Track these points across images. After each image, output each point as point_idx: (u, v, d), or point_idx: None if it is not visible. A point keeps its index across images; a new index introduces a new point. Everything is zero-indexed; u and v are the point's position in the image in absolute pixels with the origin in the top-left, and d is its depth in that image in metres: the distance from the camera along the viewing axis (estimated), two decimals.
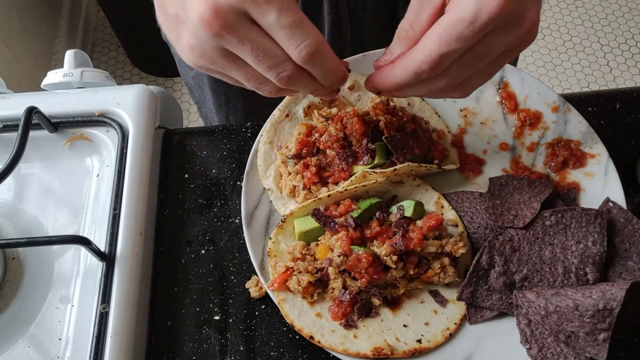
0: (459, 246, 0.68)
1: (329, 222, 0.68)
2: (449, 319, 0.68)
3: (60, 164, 0.82)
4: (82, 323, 0.69)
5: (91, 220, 0.77)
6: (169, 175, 0.82)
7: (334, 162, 0.72)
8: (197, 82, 1.07)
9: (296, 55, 0.49)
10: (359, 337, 0.67)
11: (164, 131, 0.87)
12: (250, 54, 0.49)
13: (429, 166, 0.71)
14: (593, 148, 0.77)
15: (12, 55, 1.99)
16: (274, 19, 0.47)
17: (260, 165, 0.76)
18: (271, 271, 0.70)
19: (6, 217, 0.78)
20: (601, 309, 0.60)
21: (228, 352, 0.69)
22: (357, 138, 0.72)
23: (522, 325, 0.66)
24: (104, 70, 0.87)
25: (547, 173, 0.77)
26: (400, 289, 0.68)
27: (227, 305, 0.72)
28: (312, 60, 0.50)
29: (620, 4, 2.71)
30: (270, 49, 0.49)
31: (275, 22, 0.47)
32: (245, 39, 0.48)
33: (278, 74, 0.51)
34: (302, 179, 0.72)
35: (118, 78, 2.56)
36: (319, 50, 0.49)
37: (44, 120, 0.79)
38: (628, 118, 0.84)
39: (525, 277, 0.67)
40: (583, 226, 0.67)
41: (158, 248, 0.77)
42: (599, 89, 2.45)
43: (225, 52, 0.50)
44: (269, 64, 0.50)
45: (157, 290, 0.74)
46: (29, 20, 2.16)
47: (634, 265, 0.67)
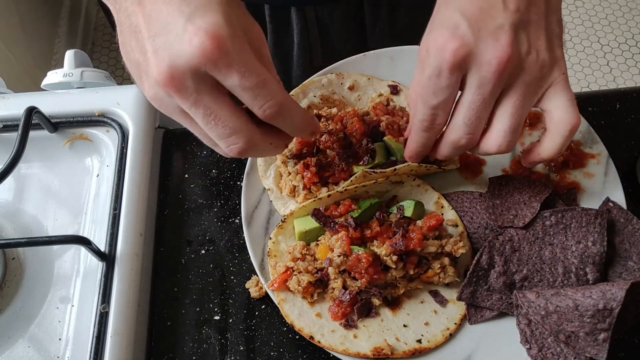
0: (459, 246, 0.68)
1: (329, 222, 0.68)
2: (449, 319, 0.68)
3: (60, 164, 0.82)
4: (82, 323, 0.69)
5: (91, 220, 0.77)
6: (169, 175, 0.82)
7: (334, 162, 0.72)
8: None
9: (260, 114, 0.49)
10: (359, 337, 0.67)
11: (164, 131, 0.87)
12: (202, 120, 0.49)
13: (429, 166, 0.71)
14: (593, 148, 0.77)
15: (12, 55, 1.99)
16: (236, 81, 0.46)
17: (260, 165, 0.76)
18: (271, 271, 0.70)
19: (6, 217, 0.78)
20: (601, 309, 0.60)
21: (228, 352, 0.69)
22: (357, 138, 0.72)
23: (522, 325, 0.66)
24: (104, 70, 0.87)
25: (547, 173, 0.77)
26: (400, 289, 0.68)
27: (227, 305, 0.72)
28: (277, 118, 0.50)
29: (620, 4, 2.71)
30: (225, 117, 0.48)
31: (238, 85, 0.47)
32: (199, 104, 0.47)
33: (228, 145, 0.50)
34: (302, 179, 0.72)
35: (118, 78, 2.56)
36: (284, 108, 0.49)
37: (44, 120, 0.78)
38: (628, 118, 0.84)
39: (525, 277, 0.67)
40: (583, 226, 0.67)
41: (158, 248, 0.77)
42: (599, 89, 2.45)
43: (181, 109, 0.50)
44: (220, 132, 0.49)
45: (157, 290, 0.74)
46: (29, 21, 2.16)
47: (634, 265, 0.67)
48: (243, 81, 0.46)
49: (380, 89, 0.82)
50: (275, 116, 0.49)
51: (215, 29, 0.45)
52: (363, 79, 0.81)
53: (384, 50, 0.83)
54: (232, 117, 0.49)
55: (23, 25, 2.10)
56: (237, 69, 0.46)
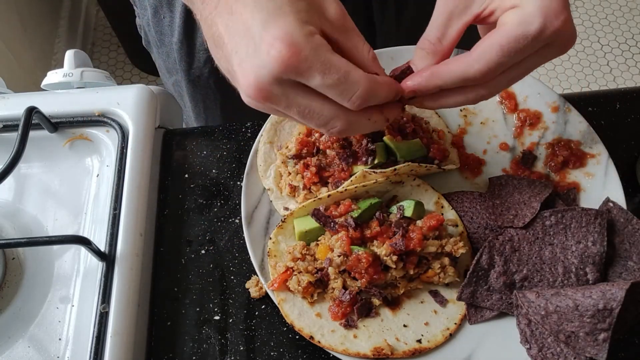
0: (459, 246, 0.68)
1: (329, 222, 0.68)
2: (449, 319, 0.68)
3: (60, 164, 0.82)
4: (82, 323, 0.69)
5: (91, 220, 0.77)
6: (169, 175, 0.82)
7: (334, 162, 0.72)
8: (176, 89, 1.08)
9: (350, 106, 0.51)
10: (359, 337, 0.67)
11: (164, 131, 0.87)
12: (299, 117, 0.52)
13: (429, 166, 0.71)
14: (593, 148, 0.77)
15: (12, 55, 1.99)
16: (319, 81, 0.48)
17: (260, 165, 0.76)
18: (271, 271, 0.70)
19: (6, 217, 0.78)
20: (601, 309, 0.60)
21: (228, 352, 0.69)
22: (357, 138, 0.72)
23: (522, 325, 0.66)
24: (104, 70, 0.87)
25: (547, 173, 0.77)
26: (400, 289, 0.68)
27: (227, 305, 0.72)
28: (367, 103, 0.51)
29: (620, 4, 2.71)
30: (318, 109, 0.51)
31: (322, 84, 0.48)
32: (291, 105, 0.50)
33: (328, 130, 0.53)
34: (302, 179, 0.72)
35: (118, 78, 2.56)
36: (370, 93, 0.50)
37: (44, 120, 0.78)
38: (628, 118, 0.84)
39: (525, 277, 0.67)
40: (583, 226, 0.67)
41: (158, 248, 0.77)
42: (599, 89, 2.45)
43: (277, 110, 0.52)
44: (318, 122, 0.52)
45: (157, 290, 0.74)
46: (29, 20, 2.16)
47: (634, 265, 0.67)
48: (325, 80, 0.48)
49: None
50: (363, 104, 0.51)
51: (290, 37, 0.46)
52: None
53: (384, 50, 0.83)
54: (324, 107, 0.51)
55: (23, 25, 2.11)
56: (318, 69, 0.47)
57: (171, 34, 0.94)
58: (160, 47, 1.00)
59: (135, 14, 1.03)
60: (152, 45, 1.04)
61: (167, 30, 0.95)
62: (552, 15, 0.50)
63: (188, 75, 1.00)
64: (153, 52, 1.06)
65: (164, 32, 0.96)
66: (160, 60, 1.04)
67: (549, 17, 0.50)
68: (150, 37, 1.02)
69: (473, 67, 0.53)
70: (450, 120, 0.81)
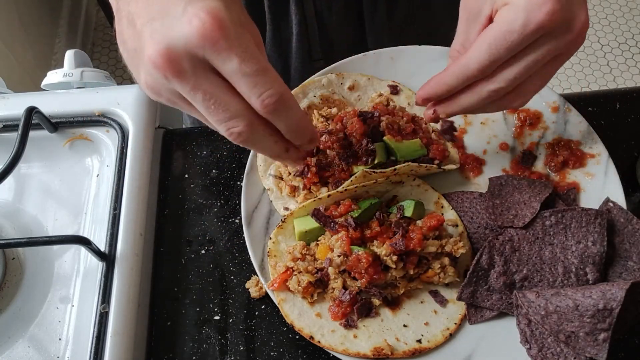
0: (459, 246, 0.68)
1: (329, 222, 0.68)
2: (449, 319, 0.68)
3: (60, 164, 0.82)
4: (82, 323, 0.69)
5: (91, 220, 0.77)
6: (169, 175, 0.82)
7: (334, 162, 0.72)
8: None
9: (258, 105, 0.47)
10: (359, 337, 0.67)
11: (164, 131, 0.87)
12: (202, 105, 0.47)
13: (429, 166, 0.71)
14: (593, 148, 0.77)
15: (12, 55, 1.99)
16: (235, 66, 0.44)
17: (260, 165, 0.76)
18: (271, 271, 0.70)
19: (6, 217, 0.78)
20: (601, 309, 0.60)
21: (228, 352, 0.69)
22: (357, 138, 0.72)
23: (522, 325, 0.66)
24: (104, 70, 0.87)
25: (547, 173, 0.77)
26: (400, 289, 0.68)
27: (227, 305, 0.72)
28: (275, 111, 0.47)
29: (620, 4, 2.71)
30: (225, 101, 0.47)
31: (237, 70, 0.44)
32: (198, 88, 0.46)
33: (228, 129, 0.48)
34: (302, 179, 0.72)
35: (118, 78, 2.56)
36: (283, 100, 0.47)
37: (44, 120, 0.78)
38: (628, 118, 0.84)
39: (525, 277, 0.67)
40: (583, 226, 0.67)
41: (158, 248, 0.77)
42: (599, 89, 2.45)
43: (179, 95, 0.48)
44: (220, 117, 0.48)
45: (157, 290, 0.74)
46: (29, 21, 2.16)
47: (634, 265, 0.67)
48: (243, 66, 0.44)
49: (380, 89, 0.82)
50: (274, 107, 0.47)
51: (217, 11, 0.43)
52: (363, 79, 0.81)
53: (384, 50, 0.83)
54: (232, 101, 0.47)
55: (23, 25, 2.11)
56: (237, 52, 0.44)
57: None
58: None
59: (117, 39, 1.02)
60: None
61: None
62: (535, 8, 0.51)
63: None
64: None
65: None
66: None
67: (531, 10, 0.51)
68: None
69: (468, 65, 0.55)
70: None
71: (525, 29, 0.52)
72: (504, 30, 0.52)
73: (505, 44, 0.53)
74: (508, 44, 0.53)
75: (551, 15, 0.51)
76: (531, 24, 0.51)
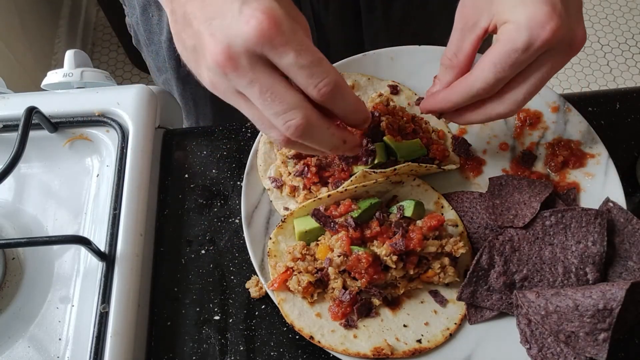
0: (459, 246, 0.68)
1: (329, 222, 0.68)
2: (449, 319, 0.68)
3: (60, 164, 0.82)
4: (82, 323, 0.69)
5: (91, 220, 0.77)
6: (169, 175, 0.82)
7: (334, 162, 0.72)
8: (167, 87, 1.08)
9: (315, 94, 0.49)
10: (359, 337, 0.67)
11: (164, 131, 0.87)
12: (259, 97, 0.49)
13: (429, 166, 0.71)
14: (593, 148, 0.77)
15: (12, 55, 1.99)
16: (292, 59, 0.47)
17: (260, 165, 0.76)
18: (271, 271, 0.70)
19: (6, 217, 0.78)
20: (601, 309, 0.60)
21: (228, 352, 0.69)
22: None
23: (522, 325, 0.66)
24: (104, 70, 0.87)
25: (547, 173, 0.77)
26: (400, 289, 0.68)
27: (227, 305, 0.72)
28: (333, 97, 0.50)
29: (620, 4, 2.71)
30: (281, 93, 0.48)
31: (294, 63, 0.47)
32: (256, 82, 0.48)
33: (286, 122, 0.50)
34: (302, 179, 0.72)
35: (118, 78, 2.56)
36: (339, 87, 0.50)
37: (44, 120, 0.78)
38: (628, 118, 0.84)
39: (525, 277, 0.67)
40: (583, 226, 0.67)
41: (158, 248, 0.77)
42: (599, 89, 2.45)
43: (237, 91, 0.50)
44: (277, 109, 0.49)
45: (157, 290, 0.74)
46: (29, 20, 2.16)
47: (634, 265, 0.67)
48: (299, 59, 0.47)
49: (380, 89, 0.82)
50: (330, 95, 0.49)
51: (271, 10, 0.46)
52: (363, 79, 0.81)
53: (384, 50, 0.83)
54: (288, 92, 0.49)
55: (23, 25, 2.10)
56: (293, 46, 0.47)
57: (160, 32, 0.95)
58: (150, 45, 1.00)
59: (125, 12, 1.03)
60: (142, 45, 1.04)
61: (155, 28, 0.95)
62: (539, 27, 0.52)
63: (177, 73, 1.00)
64: (143, 51, 1.07)
65: (152, 31, 0.96)
66: (150, 58, 1.05)
67: (534, 29, 0.52)
68: (139, 36, 1.02)
69: (474, 86, 0.57)
70: None
71: (530, 46, 0.52)
72: (509, 49, 0.53)
73: (510, 63, 0.54)
74: (512, 62, 0.54)
75: (554, 32, 0.52)
76: (535, 43, 0.52)
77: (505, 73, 0.55)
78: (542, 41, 0.52)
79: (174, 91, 1.06)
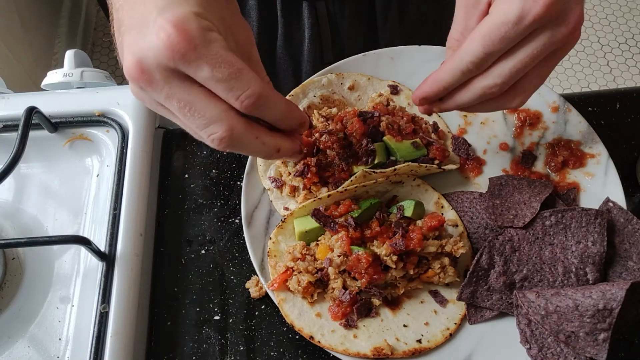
0: (459, 246, 0.68)
1: (329, 222, 0.68)
2: (449, 319, 0.68)
3: (60, 164, 0.82)
4: (82, 323, 0.69)
5: (91, 220, 0.77)
6: (169, 175, 0.82)
7: (334, 162, 0.72)
8: None
9: (238, 106, 0.47)
10: (359, 337, 0.67)
11: (164, 131, 0.87)
12: (179, 112, 0.48)
13: (429, 166, 0.71)
14: (593, 148, 0.77)
15: (12, 55, 1.99)
16: (207, 73, 0.45)
17: (260, 165, 0.76)
18: (271, 271, 0.70)
19: (6, 217, 0.78)
20: (601, 309, 0.60)
21: (228, 352, 0.69)
22: (357, 138, 0.72)
23: (522, 325, 0.66)
24: (104, 70, 0.87)
25: (547, 173, 0.77)
26: (400, 289, 0.68)
27: (227, 305, 0.72)
28: (257, 108, 0.48)
29: (620, 4, 2.71)
30: (201, 107, 0.47)
31: (210, 77, 0.45)
32: (172, 97, 0.46)
33: (209, 135, 0.48)
34: (302, 179, 0.72)
35: (118, 78, 2.56)
36: (263, 97, 0.47)
37: (44, 120, 0.78)
38: (628, 118, 0.84)
39: (525, 277, 0.67)
40: (583, 226, 0.67)
41: (158, 248, 0.77)
42: (599, 89, 2.45)
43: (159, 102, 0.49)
44: (198, 123, 0.48)
45: (157, 290, 0.74)
46: (29, 20, 2.16)
47: (634, 265, 0.67)
48: (215, 73, 0.45)
49: (380, 89, 0.82)
50: (254, 107, 0.47)
51: (184, 22, 0.44)
52: (363, 79, 0.81)
53: (384, 50, 0.83)
54: (208, 106, 0.47)
55: (23, 25, 2.10)
56: (207, 61, 0.44)
57: None
58: None
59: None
60: None
61: None
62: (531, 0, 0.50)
63: None
64: None
65: None
66: None
67: (527, 2, 0.50)
68: None
69: (462, 58, 0.54)
70: (451, 120, 0.81)
71: (521, 20, 0.51)
72: (499, 22, 0.52)
73: (500, 36, 0.52)
74: (502, 35, 0.52)
75: (547, 7, 0.50)
76: (527, 16, 0.51)
77: (494, 47, 0.52)
78: (534, 15, 0.50)
79: None
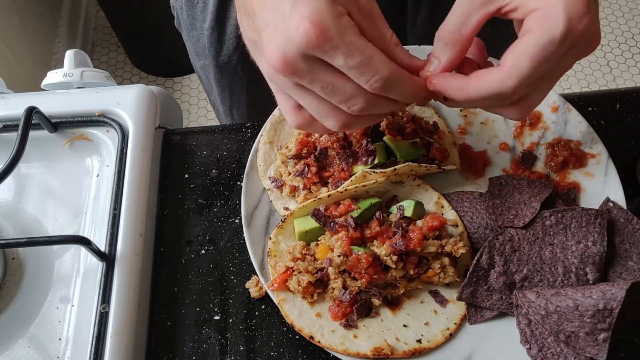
0: (459, 246, 0.68)
1: (329, 222, 0.68)
2: (449, 319, 0.68)
3: (60, 164, 0.82)
4: (82, 323, 0.69)
5: (91, 220, 0.77)
6: (169, 175, 0.82)
7: (334, 162, 0.72)
8: (204, 72, 1.09)
9: (368, 88, 0.51)
10: (359, 337, 0.67)
11: (164, 131, 0.87)
12: (321, 91, 0.52)
13: (429, 166, 0.71)
14: (593, 148, 0.77)
15: (12, 55, 1.99)
16: (341, 62, 0.49)
17: (260, 165, 0.76)
18: (271, 271, 0.70)
19: (6, 217, 0.78)
20: (601, 309, 0.60)
21: (228, 352, 0.69)
22: (357, 138, 0.72)
23: (522, 325, 0.66)
24: (104, 70, 0.87)
25: (547, 173, 0.77)
26: (400, 289, 0.68)
27: (227, 305, 0.72)
28: (386, 90, 0.51)
29: (620, 4, 2.71)
30: (340, 86, 0.51)
31: (344, 65, 0.49)
32: (315, 80, 0.51)
33: (349, 107, 0.53)
34: (302, 179, 0.72)
35: (118, 78, 2.56)
36: (389, 80, 0.51)
37: (44, 120, 0.78)
38: (628, 118, 0.84)
39: (525, 277, 0.67)
40: (583, 226, 0.67)
41: (158, 248, 0.77)
42: (599, 89, 2.45)
43: (298, 85, 0.53)
44: (340, 99, 0.52)
45: (157, 290, 0.74)
46: (29, 20, 2.16)
47: (634, 265, 0.67)
48: (348, 61, 0.49)
49: None
50: (383, 89, 0.51)
51: (318, 16, 0.47)
52: None
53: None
54: (346, 85, 0.51)
55: (23, 25, 2.10)
56: (342, 50, 0.48)
57: (203, 20, 0.96)
58: (191, 30, 1.01)
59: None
60: (183, 28, 1.05)
61: (199, 15, 0.96)
62: (577, 18, 0.48)
63: (216, 61, 1.01)
64: (183, 34, 1.08)
65: (196, 17, 0.97)
66: (190, 43, 1.06)
67: (573, 19, 0.48)
68: (181, 20, 1.03)
69: (506, 83, 0.51)
70: (451, 120, 0.81)
71: (567, 38, 0.48)
72: (545, 41, 0.49)
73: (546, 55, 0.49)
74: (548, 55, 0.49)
75: (587, 27, 0.49)
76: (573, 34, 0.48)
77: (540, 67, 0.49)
78: (578, 33, 0.48)
79: (211, 77, 1.07)
